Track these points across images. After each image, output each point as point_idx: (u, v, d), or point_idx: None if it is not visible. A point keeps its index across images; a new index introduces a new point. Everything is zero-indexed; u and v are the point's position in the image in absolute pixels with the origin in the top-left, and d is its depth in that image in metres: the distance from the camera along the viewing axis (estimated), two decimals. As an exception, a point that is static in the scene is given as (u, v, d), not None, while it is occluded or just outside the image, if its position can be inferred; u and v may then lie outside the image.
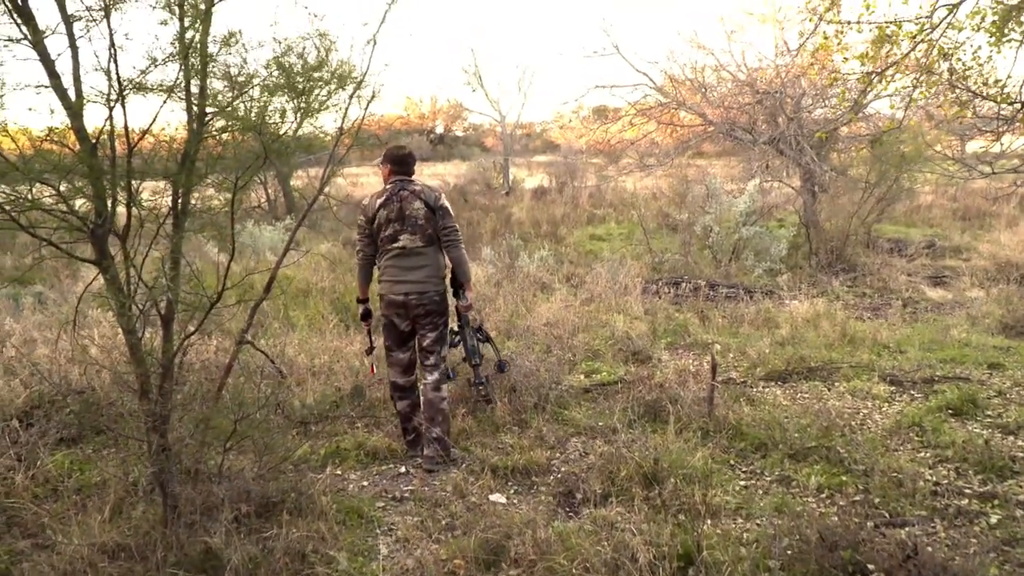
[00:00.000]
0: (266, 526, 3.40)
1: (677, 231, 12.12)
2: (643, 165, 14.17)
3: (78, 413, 4.59)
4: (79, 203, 3.12)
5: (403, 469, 4.41)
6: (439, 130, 40.76)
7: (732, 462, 4.30)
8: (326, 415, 5.03)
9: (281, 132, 3.43)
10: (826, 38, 5.55)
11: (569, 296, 8.35)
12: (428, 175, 23.87)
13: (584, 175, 20.53)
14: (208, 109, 3.27)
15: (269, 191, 16.36)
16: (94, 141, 3.02)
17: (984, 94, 5.26)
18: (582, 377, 5.89)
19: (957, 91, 5.31)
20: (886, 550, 2.76)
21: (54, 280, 9.58)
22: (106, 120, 3.04)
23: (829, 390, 5.50)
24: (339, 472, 4.36)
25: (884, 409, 5.08)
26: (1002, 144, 8.06)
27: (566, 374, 5.78)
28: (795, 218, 12.61)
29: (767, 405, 5.09)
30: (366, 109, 3.99)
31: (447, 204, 4.45)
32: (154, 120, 3.11)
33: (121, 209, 3.16)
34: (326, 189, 4.37)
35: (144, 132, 3.13)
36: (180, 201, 3.26)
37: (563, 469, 4.25)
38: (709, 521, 3.49)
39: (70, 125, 3.01)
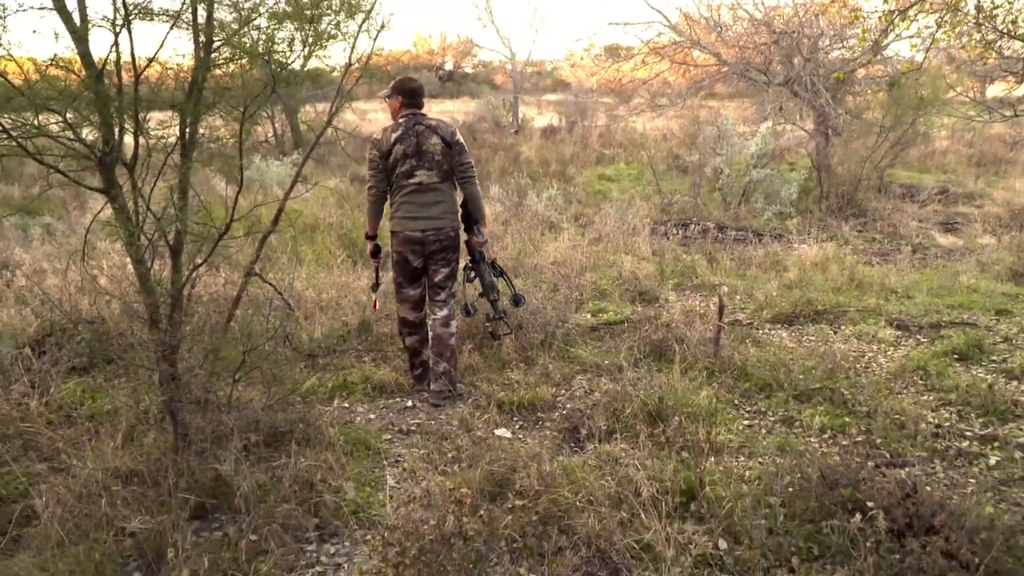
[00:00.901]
0: (274, 455, 3.47)
1: (687, 173, 11.99)
2: (655, 105, 13.94)
3: (89, 342, 4.64)
4: (86, 132, 3.09)
5: (409, 403, 4.46)
6: (448, 66, 40.06)
7: (736, 402, 4.34)
8: (333, 348, 5.07)
9: (289, 62, 3.37)
10: (849, -27, 5.39)
11: (577, 236, 8.32)
12: (436, 112, 23.56)
13: (594, 115, 20.22)
14: (215, 38, 3.22)
15: (276, 126, 16.20)
16: (100, 68, 2.97)
17: (1012, 33, 5.10)
18: (588, 316, 5.90)
19: (983, 30, 5.15)
20: (886, 488, 2.80)
21: (62, 211, 9.60)
22: (112, 46, 2.99)
23: (835, 333, 5.50)
24: (346, 405, 4.43)
25: (889, 353, 5.09)
26: (1026, 87, 7.86)
27: (573, 313, 5.79)
28: (807, 162, 12.45)
29: (773, 347, 5.10)
30: (375, 40, 3.91)
31: (462, 139, 4.39)
32: (160, 47, 3.05)
33: (128, 139, 3.14)
34: (334, 122, 4.31)
35: (151, 60, 3.08)
36: (188, 131, 3.23)
37: (568, 406, 4.29)
38: (712, 459, 3.54)
39: (75, 50, 2.96)
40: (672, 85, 14.20)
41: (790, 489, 3.03)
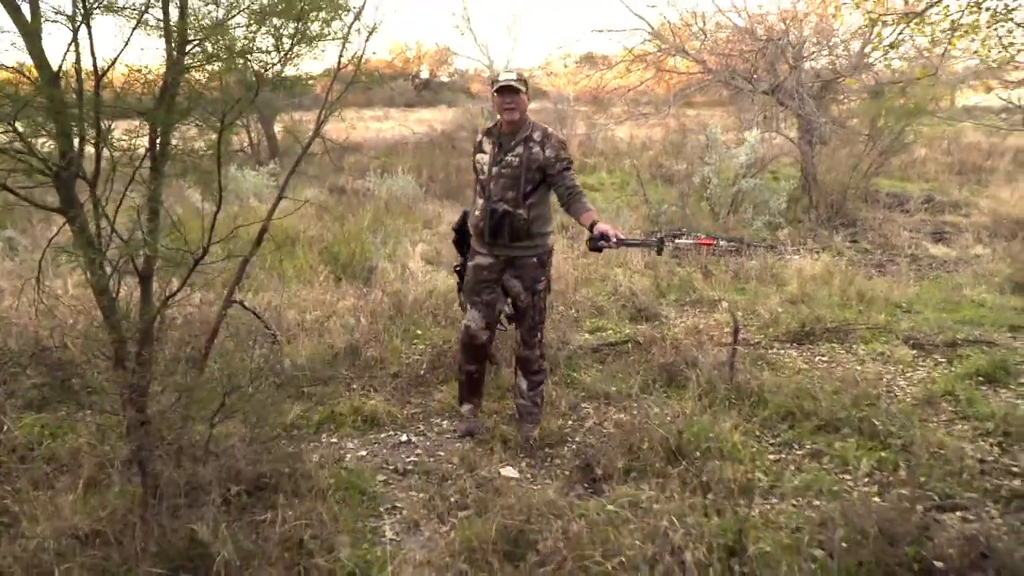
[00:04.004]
0: (257, 507, 3.07)
1: (672, 182, 11.73)
2: (637, 114, 13.68)
3: (52, 377, 4.17)
4: (40, 143, 2.70)
5: (404, 437, 4.09)
6: (424, 75, 39.61)
7: (757, 433, 4.01)
8: (321, 379, 4.65)
9: (274, 63, 3.00)
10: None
11: (567, 248, 7.98)
12: (413, 120, 23.20)
13: (574, 123, 19.95)
14: (190, 36, 2.84)
15: (252, 135, 15.69)
16: (56, 70, 2.59)
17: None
18: (588, 336, 5.57)
19: (999, 35, 4.92)
20: (955, 546, 2.48)
21: (26, 224, 9.05)
22: (70, 44, 2.61)
23: (848, 353, 5.22)
24: (335, 440, 4.04)
25: (909, 375, 4.81)
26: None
27: (572, 332, 5.45)
28: (790, 171, 12.24)
29: (787, 370, 4.80)
30: (367, 41, 3.55)
31: None
32: (125, 45, 2.67)
33: (90, 150, 2.75)
34: (320, 132, 3.93)
35: (114, 60, 2.70)
36: (158, 142, 2.85)
37: (578, 439, 3.94)
38: (742, 501, 3.20)
39: (26, 50, 2.57)
40: (652, 93, 13.94)
41: (843, 544, 2.70)
